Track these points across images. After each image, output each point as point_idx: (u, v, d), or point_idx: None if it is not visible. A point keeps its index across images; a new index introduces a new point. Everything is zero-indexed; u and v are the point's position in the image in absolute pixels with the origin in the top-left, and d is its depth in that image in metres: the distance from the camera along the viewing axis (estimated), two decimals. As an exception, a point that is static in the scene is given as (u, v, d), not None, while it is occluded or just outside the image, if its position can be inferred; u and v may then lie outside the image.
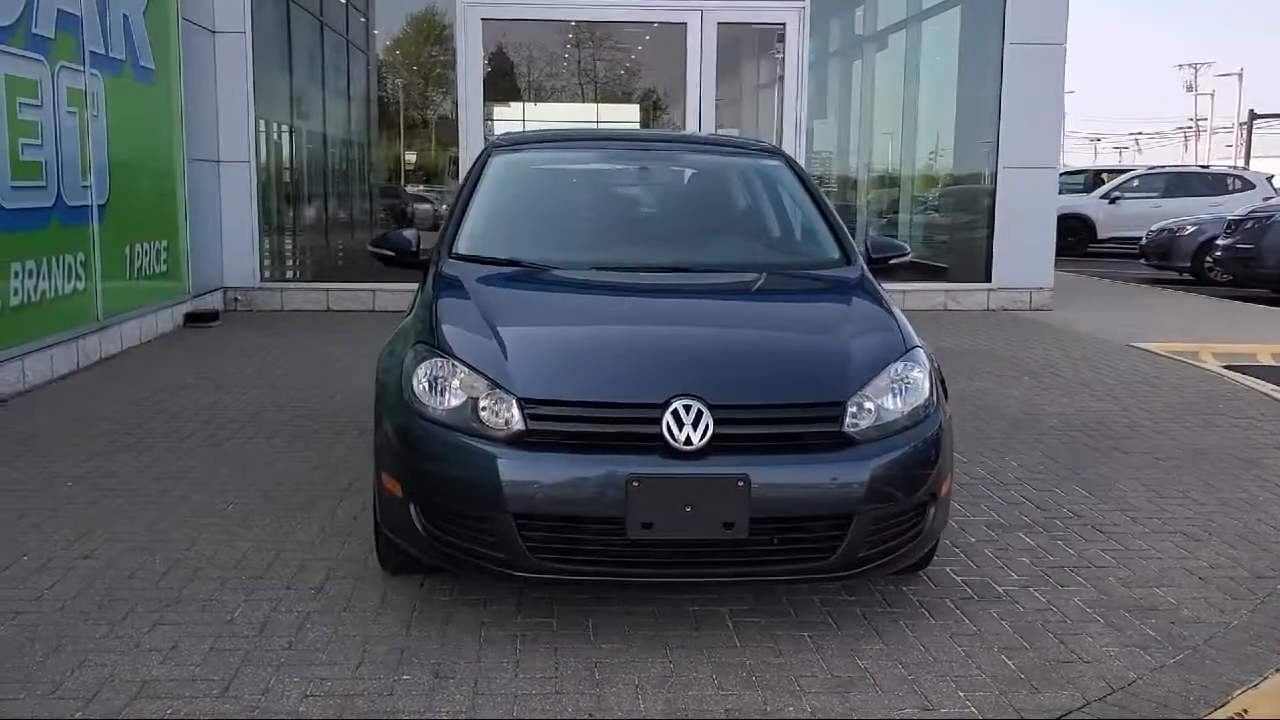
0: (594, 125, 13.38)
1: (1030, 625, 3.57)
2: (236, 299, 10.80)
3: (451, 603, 3.63)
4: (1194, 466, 5.50)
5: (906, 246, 4.60)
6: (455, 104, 11.12)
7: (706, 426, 3.19)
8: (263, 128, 11.02)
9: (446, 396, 3.39)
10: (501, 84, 12.40)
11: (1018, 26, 11.15)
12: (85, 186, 7.74)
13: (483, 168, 4.66)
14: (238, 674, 3.11)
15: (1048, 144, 11.49)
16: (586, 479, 3.17)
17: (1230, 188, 21.49)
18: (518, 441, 3.24)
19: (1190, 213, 18.73)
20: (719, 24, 10.98)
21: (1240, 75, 61.85)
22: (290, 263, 11.73)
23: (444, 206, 12.55)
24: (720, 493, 3.16)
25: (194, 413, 6.34)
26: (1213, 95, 69.76)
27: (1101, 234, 21.84)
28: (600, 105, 13.82)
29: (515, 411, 3.25)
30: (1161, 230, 17.02)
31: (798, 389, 3.36)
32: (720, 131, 11.04)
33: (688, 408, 3.20)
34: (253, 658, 3.21)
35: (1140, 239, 18.60)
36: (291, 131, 11.96)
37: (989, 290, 11.58)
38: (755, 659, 3.28)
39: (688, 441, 3.18)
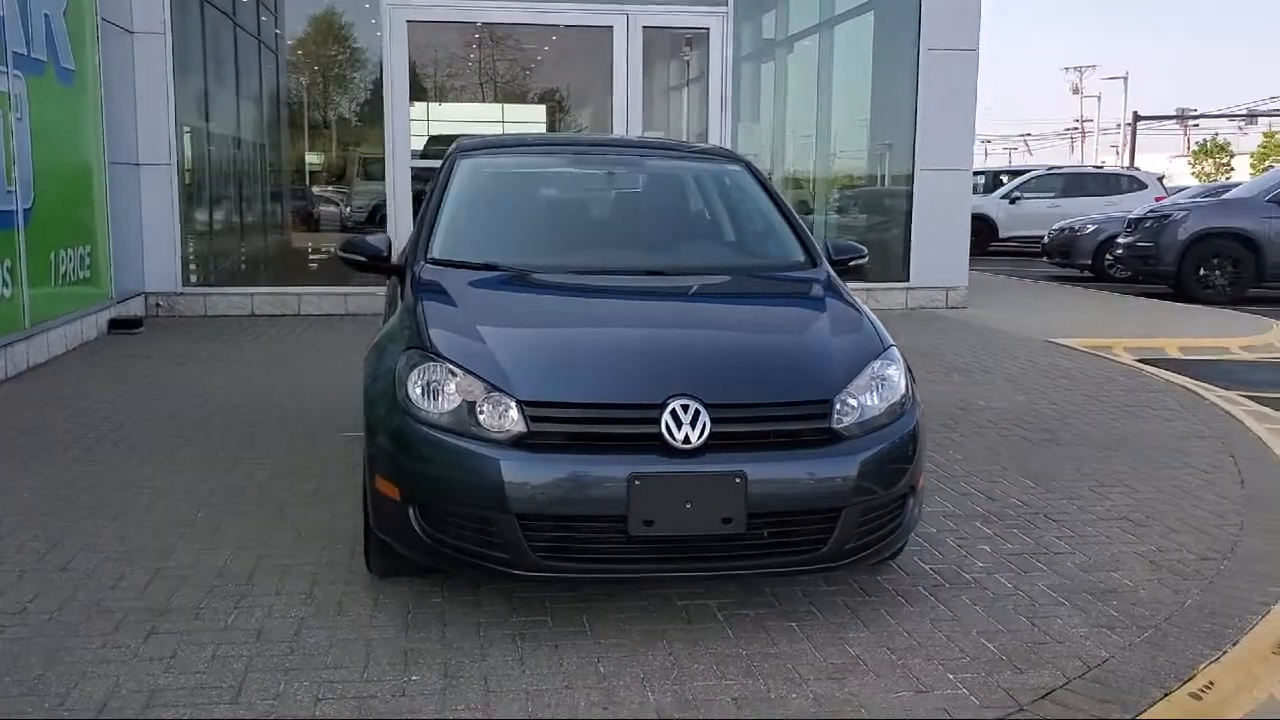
0: (499, 124, 13.42)
1: (1002, 610, 3.75)
2: (158, 304, 10.59)
3: (445, 604, 3.67)
4: (1126, 456, 5.78)
5: (864, 249, 4.76)
6: (363, 104, 11.06)
7: (704, 425, 3.30)
8: (184, 130, 10.81)
9: (442, 400, 3.44)
10: (424, 85, 12.33)
11: (932, 33, 11.48)
12: (10, 191, 7.54)
13: (450, 172, 4.70)
14: (245, 680, 3.12)
15: (962, 147, 11.85)
16: (589, 478, 3.25)
17: (1124, 187, 22.35)
18: (519, 443, 3.31)
19: (1086, 212, 19.46)
20: (644, 28, 11.10)
21: (1126, 78, 63.85)
22: (213, 267, 11.52)
23: (348, 208, 12.48)
24: (718, 489, 3.26)
25: (140, 420, 6.24)
26: (1099, 98, 72.11)
27: (1002, 233, 22.51)
28: (523, 106, 13.85)
29: (516, 414, 3.32)
30: (1063, 229, 17.65)
31: (789, 388, 3.48)
32: (648, 134, 11.17)
33: (685, 407, 3.30)
34: (257, 664, 3.22)
35: (1038, 238, 19.27)
36: (210, 134, 11.75)
37: (907, 289, 11.90)
38: (751, 649, 3.39)
39: (686, 440, 3.28)
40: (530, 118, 14.15)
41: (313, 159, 12.54)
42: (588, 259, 4.39)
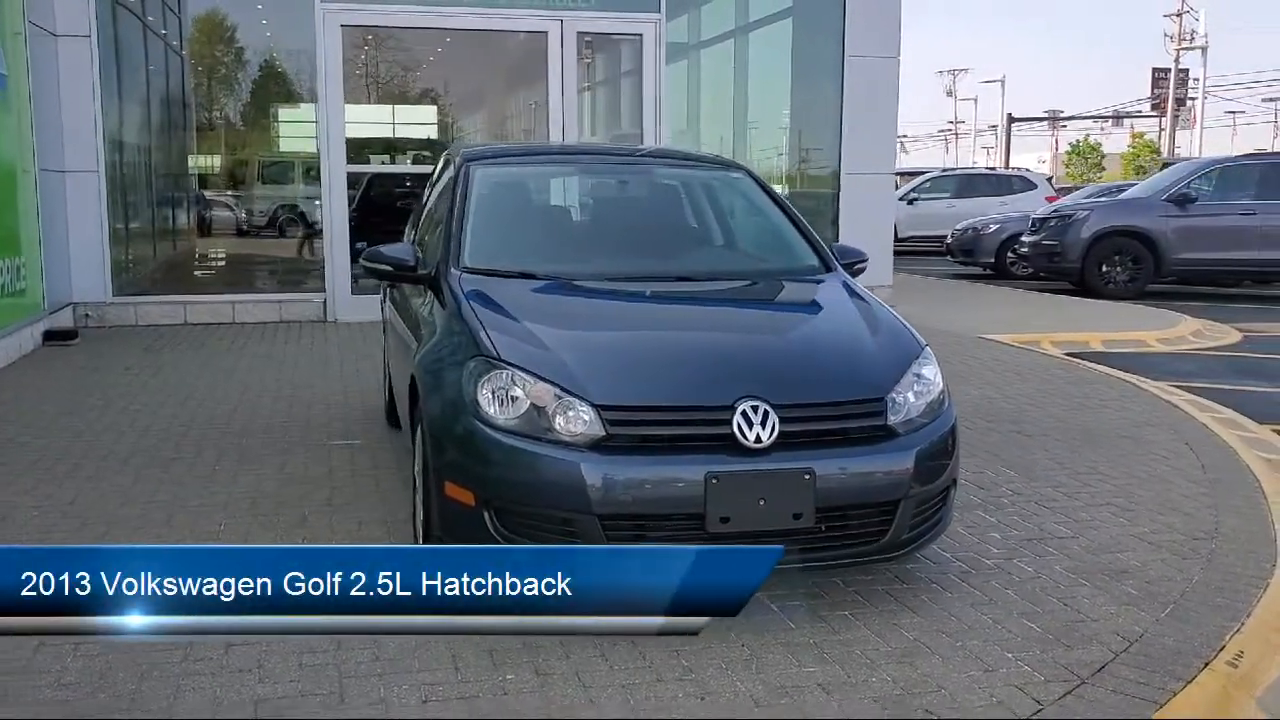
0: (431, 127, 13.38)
1: (1032, 592, 3.98)
2: (87, 315, 10.30)
3: (510, 606, 3.75)
4: (1091, 445, 6.11)
5: (866, 254, 4.98)
6: (292, 109, 10.93)
7: (773, 425, 3.45)
8: (113, 136, 10.54)
9: (515, 406, 3.52)
10: (355, 88, 12.21)
11: (856, 41, 11.82)
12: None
13: (467, 181, 4.74)
14: (343, 686, 3.16)
15: (885, 151, 12.25)
16: (668, 478, 3.38)
17: (1015, 188, 23.22)
18: (597, 446, 3.42)
19: (981, 212, 20.21)
20: (579, 33, 11.20)
21: (1003, 81, 66.04)
22: (143, 275, 11.25)
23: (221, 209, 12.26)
24: (789, 486, 3.42)
25: (115, 435, 6.12)
26: (976, 101, 74.45)
27: (902, 234, 23.08)
28: (454, 110, 13.82)
29: (593, 417, 3.43)
30: (966, 229, 18.29)
31: (847, 387, 3.67)
32: (615, 136, 11.32)
33: (755, 408, 3.46)
34: (347, 670, 3.26)
35: (937, 237, 19.95)
36: (135, 140, 11.48)
37: (836, 289, 12.20)
38: (817, 638, 3.55)
39: (757, 440, 3.43)
40: (480, 121, 14.16)
41: (241, 164, 12.33)
42: (617, 266, 4.51)
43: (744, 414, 3.45)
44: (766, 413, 3.46)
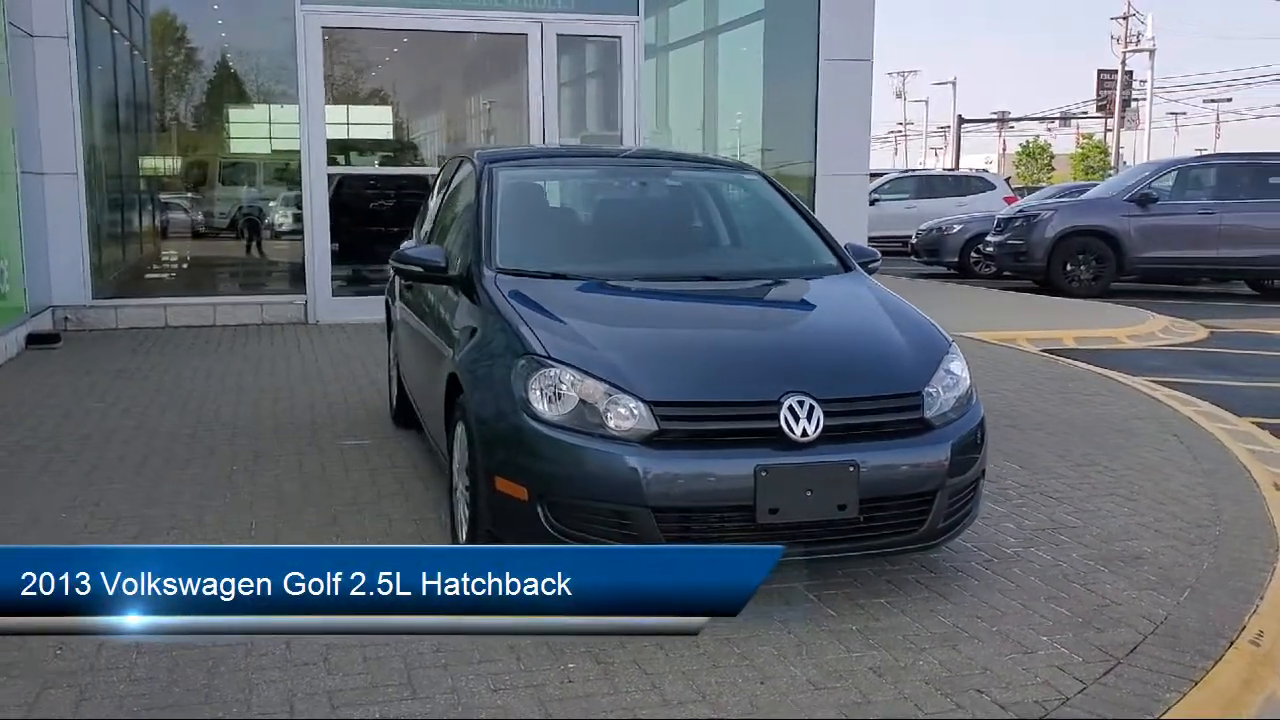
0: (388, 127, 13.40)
1: (1055, 578, 4.13)
2: (67, 318, 10.22)
3: (557, 598, 3.84)
4: (1084, 439, 6.30)
5: (878, 253, 5.12)
6: (276, 111, 10.91)
7: (818, 419, 3.57)
8: (91, 137, 10.47)
9: (565, 403, 3.62)
10: (337, 90, 12.18)
11: (831, 44, 11.99)
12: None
13: (491, 182, 4.81)
14: (412, 677, 3.24)
15: (859, 153, 12.44)
16: (720, 472, 3.49)
17: (973, 189, 23.57)
18: (649, 441, 3.52)
19: (940, 212, 20.53)
20: (559, 35, 11.28)
21: (954, 83, 66.85)
22: (122, 278, 11.18)
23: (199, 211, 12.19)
24: (835, 478, 3.55)
25: (123, 437, 6.12)
26: (927, 102, 75.31)
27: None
28: (440, 112, 13.85)
29: (646, 413, 3.53)
30: (931, 229, 18.58)
31: (887, 381, 3.80)
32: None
33: (801, 403, 3.58)
34: (412, 661, 3.33)
35: (898, 237, 20.22)
36: (114, 142, 11.40)
37: (812, 288, 12.38)
38: (859, 624, 3.68)
39: (804, 434, 3.55)
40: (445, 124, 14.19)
41: (219, 166, 12.27)
42: (644, 266, 4.61)
43: (790, 408, 3.56)
44: (812, 407, 3.58)
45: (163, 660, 3.32)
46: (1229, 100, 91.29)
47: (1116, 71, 51.35)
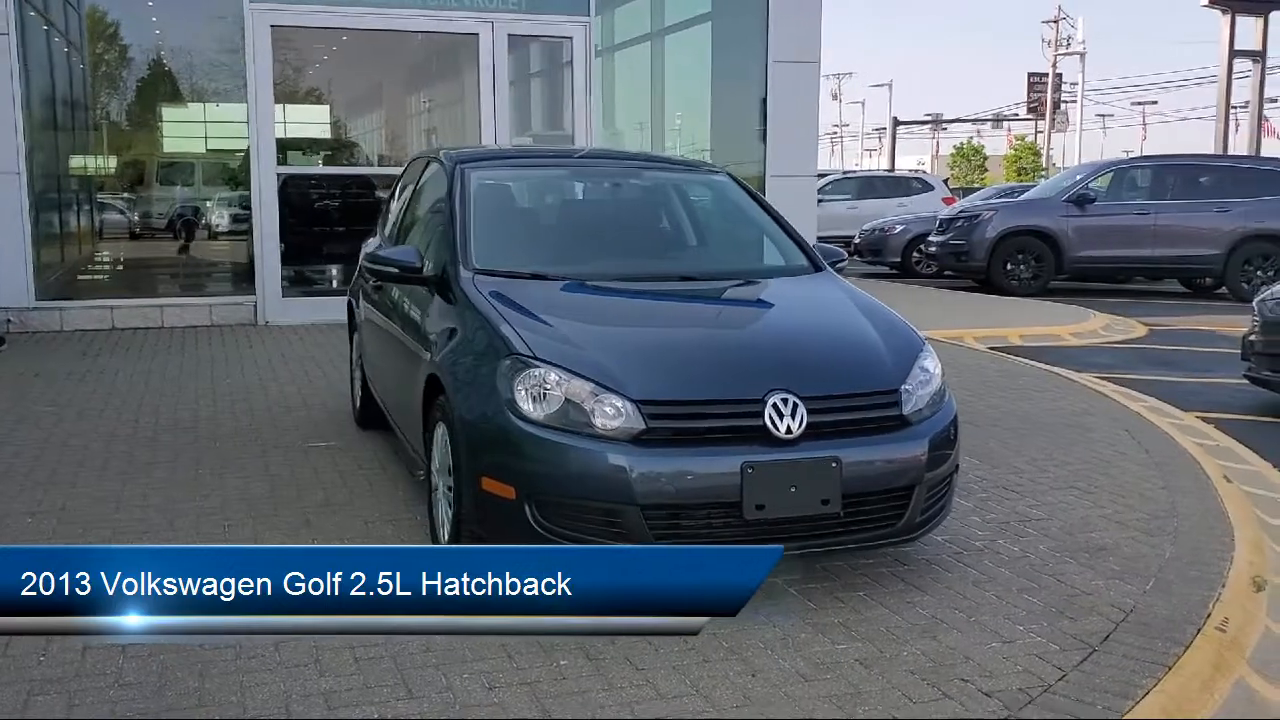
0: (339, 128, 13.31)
1: (1025, 570, 4.24)
2: (9, 320, 10.00)
3: (542, 596, 3.86)
4: (1039, 434, 6.45)
5: (845, 254, 5.21)
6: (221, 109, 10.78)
7: (802, 417, 3.64)
8: (34, 137, 10.26)
9: (550, 403, 3.64)
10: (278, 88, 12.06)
11: (779, 46, 12.11)
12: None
13: (463, 183, 4.81)
14: (406, 677, 3.25)
15: (807, 154, 12.58)
16: (708, 469, 3.55)
17: (913, 189, 23.89)
18: (637, 440, 3.56)
19: (881, 213, 20.80)
20: (509, 35, 11.28)
21: (890, 85, 67.75)
22: (68, 279, 10.97)
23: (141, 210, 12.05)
24: (818, 474, 3.62)
25: (81, 441, 6.03)
26: (863, 104, 76.13)
27: (806, 233, 23.68)
28: (384, 111, 13.76)
29: (633, 412, 3.57)
30: (874, 229, 18.83)
31: (866, 379, 3.88)
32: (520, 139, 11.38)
33: (784, 401, 3.64)
34: (403, 662, 3.34)
35: (840, 238, 20.42)
36: (55, 140, 11.18)
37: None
38: (841, 617, 3.75)
39: (788, 431, 3.62)
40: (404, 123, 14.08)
41: (164, 166, 12.10)
42: (619, 266, 4.65)
43: (774, 406, 3.63)
44: (795, 405, 3.64)
45: (151, 664, 3.30)
46: (1155, 103, 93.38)
47: (1047, 74, 52.34)
